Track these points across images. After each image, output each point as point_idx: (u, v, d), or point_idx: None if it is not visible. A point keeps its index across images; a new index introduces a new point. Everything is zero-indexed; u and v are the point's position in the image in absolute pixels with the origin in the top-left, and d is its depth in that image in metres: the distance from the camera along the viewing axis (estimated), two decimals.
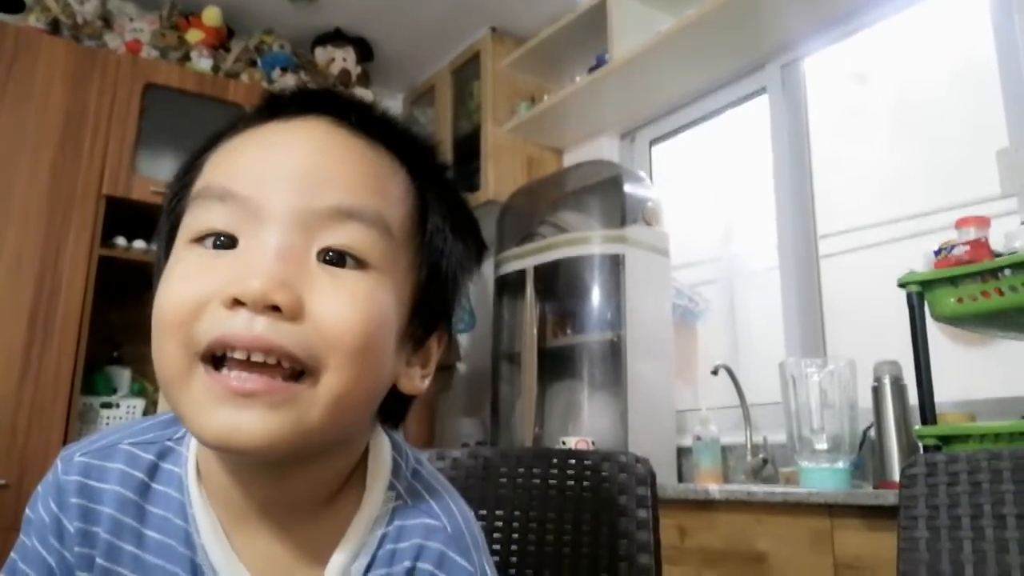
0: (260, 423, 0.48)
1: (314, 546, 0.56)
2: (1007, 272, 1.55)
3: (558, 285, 2.69)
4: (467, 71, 3.42)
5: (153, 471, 0.58)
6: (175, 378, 0.49)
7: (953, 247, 1.65)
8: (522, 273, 2.76)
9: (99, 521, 0.56)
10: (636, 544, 0.94)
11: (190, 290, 0.49)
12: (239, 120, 0.57)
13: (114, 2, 3.05)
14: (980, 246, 1.61)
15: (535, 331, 2.69)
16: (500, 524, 0.99)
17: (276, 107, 0.56)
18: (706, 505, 1.82)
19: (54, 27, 2.80)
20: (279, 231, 0.50)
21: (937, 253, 1.69)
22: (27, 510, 0.60)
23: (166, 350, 0.49)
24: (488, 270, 3.11)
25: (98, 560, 0.56)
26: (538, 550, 0.98)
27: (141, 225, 2.82)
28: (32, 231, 2.52)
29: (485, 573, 0.59)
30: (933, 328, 1.73)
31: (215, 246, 0.50)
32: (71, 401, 2.47)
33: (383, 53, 3.51)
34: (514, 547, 0.98)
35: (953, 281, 1.63)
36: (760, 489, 1.79)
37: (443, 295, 0.59)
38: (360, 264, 0.51)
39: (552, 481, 1.01)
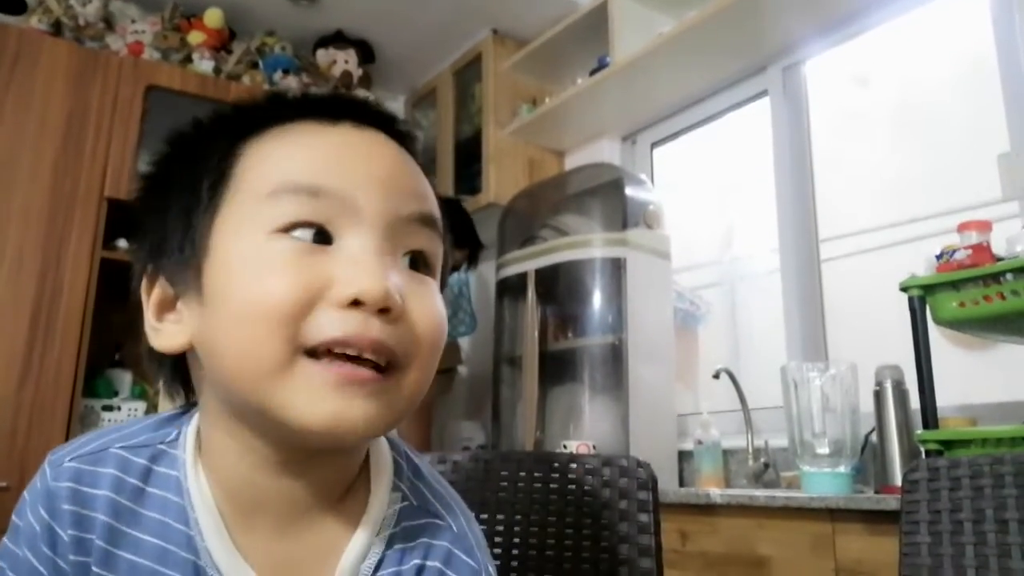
0: (364, 410, 0.51)
1: (322, 546, 0.57)
2: (1009, 276, 1.55)
3: (559, 288, 2.69)
4: (468, 73, 3.42)
5: (147, 475, 0.58)
6: (272, 370, 0.50)
7: (955, 251, 1.65)
8: (523, 276, 2.76)
9: (93, 528, 0.56)
10: (637, 548, 0.94)
11: (294, 284, 0.50)
12: (272, 110, 0.58)
13: (116, 4, 3.05)
14: (982, 250, 1.61)
15: (536, 334, 2.69)
16: (501, 528, 0.99)
17: (335, 109, 0.58)
18: (707, 509, 1.81)
19: (56, 29, 2.80)
20: (376, 234, 0.53)
21: (939, 257, 1.68)
22: (14, 516, 0.58)
23: (262, 343, 0.50)
24: (489, 273, 3.11)
25: (94, 568, 0.55)
26: (539, 554, 0.97)
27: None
28: (33, 233, 2.52)
29: (489, 572, 0.60)
30: (935, 332, 1.73)
31: (313, 240, 0.52)
32: (72, 403, 2.47)
33: (385, 55, 3.51)
34: (515, 551, 0.97)
35: (955, 285, 1.63)
36: (761, 493, 1.79)
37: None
38: (428, 268, 0.56)
39: (553, 485, 1.01)
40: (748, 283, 2.80)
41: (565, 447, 2.27)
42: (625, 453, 1.98)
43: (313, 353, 0.50)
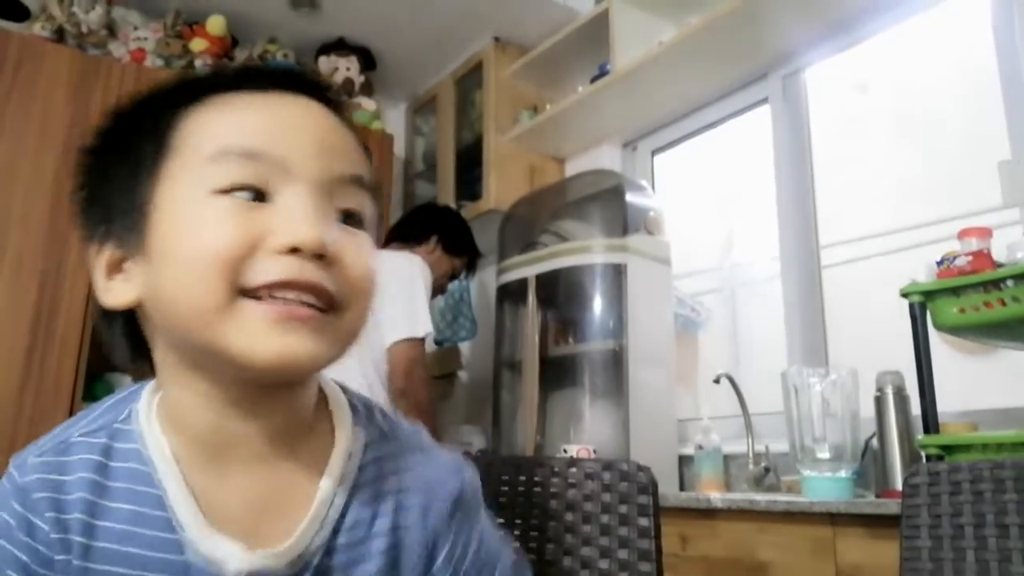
0: (309, 344, 0.56)
1: (296, 477, 0.62)
2: (1009, 283, 1.55)
3: (560, 294, 2.69)
4: (470, 80, 3.43)
5: (108, 451, 0.61)
6: (214, 311, 0.54)
7: (955, 257, 1.65)
8: (524, 282, 2.76)
9: (70, 508, 0.59)
10: (638, 552, 0.94)
11: (235, 233, 0.55)
12: (210, 81, 0.63)
13: (118, 11, 3.06)
14: (982, 257, 1.61)
15: (537, 340, 2.69)
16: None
17: (269, 79, 0.63)
18: (708, 513, 1.81)
19: (59, 35, 2.81)
20: (311, 191, 0.58)
21: (939, 263, 1.69)
22: None
23: (204, 286, 0.54)
24: (490, 279, 3.11)
25: (76, 538, 0.59)
26: (539, 558, 0.97)
27: None
28: (34, 238, 2.52)
29: (466, 484, 0.68)
30: (935, 338, 1.73)
31: (248, 198, 0.56)
32: (72, 407, 2.47)
33: (386, 62, 3.52)
34: None
35: (955, 291, 1.63)
36: (762, 498, 1.79)
37: None
38: (362, 224, 0.61)
39: (553, 489, 1.01)
40: (749, 289, 2.80)
41: (565, 451, 2.27)
42: (625, 458, 1.98)
43: (254, 295, 0.55)
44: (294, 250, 0.55)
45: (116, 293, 0.60)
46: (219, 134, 0.59)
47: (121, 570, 0.58)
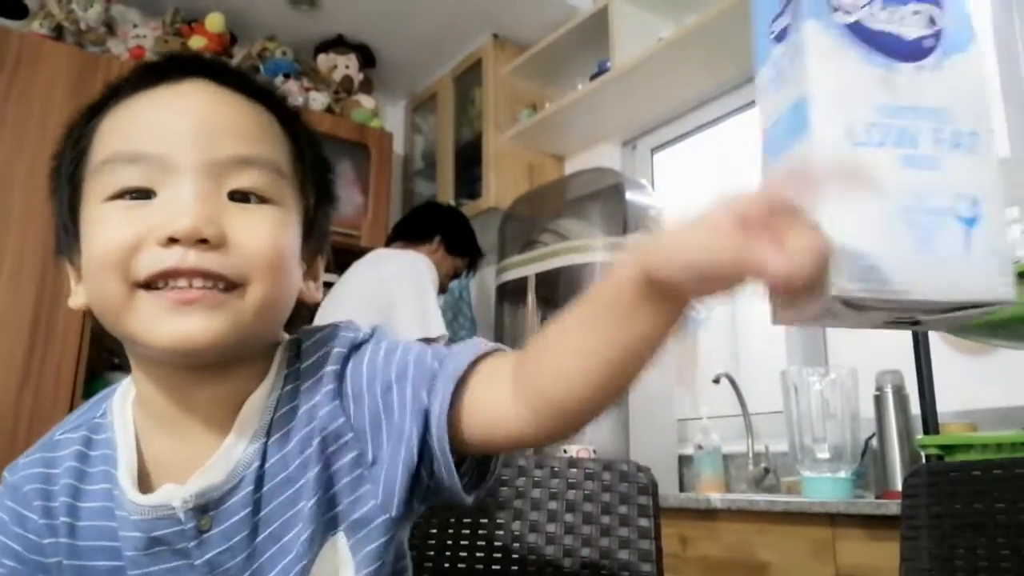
0: (205, 324, 0.58)
1: (215, 431, 0.64)
2: None
3: (560, 293, 2.69)
4: (469, 78, 3.42)
5: (88, 442, 0.67)
6: (119, 306, 0.59)
7: None
8: (524, 281, 2.76)
9: (57, 495, 0.64)
10: (638, 553, 0.94)
11: (121, 234, 0.58)
12: (117, 88, 0.65)
13: (117, 8, 3.06)
14: None
15: None
16: (500, 532, 0.99)
17: (157, 73, 0.64)
18: (708, 514, 1.81)
19: (57, 33, 2.81)
20: (192, 179, 0.59)
21: None
22: None
23: (106, 285, 0.58)
24: (489, 278, 3.11)
25: (63, 520, 0.64)
26: (538, 559, 0.97)
27: None
28: (33, 238, 2.52)
29: (362, 333, 0.68)
30: (935, 338, 1.73)
31: (133, 198, 0.59)
32: (72, 407, 2.46)
33: (385, 60, 3.52)
34: (515, 555, 0.97)
35: None
36: (762, 498, 1.79)
37: (327, 215, 0.71)
38: (262, 200, 0.62)
39: (553, 489, 1.01)
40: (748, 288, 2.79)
41: (565, 451, 2.26)
42: (625, 458, 1.98)
43: (151, 288, 0.58)
44: (174, 240, 0.57)
45: (75, 298, 0.65)
46: (107, 143, 0.62)
47: (102, 543, 0.63)
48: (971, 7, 0.49)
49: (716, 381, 2.42)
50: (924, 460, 1.69)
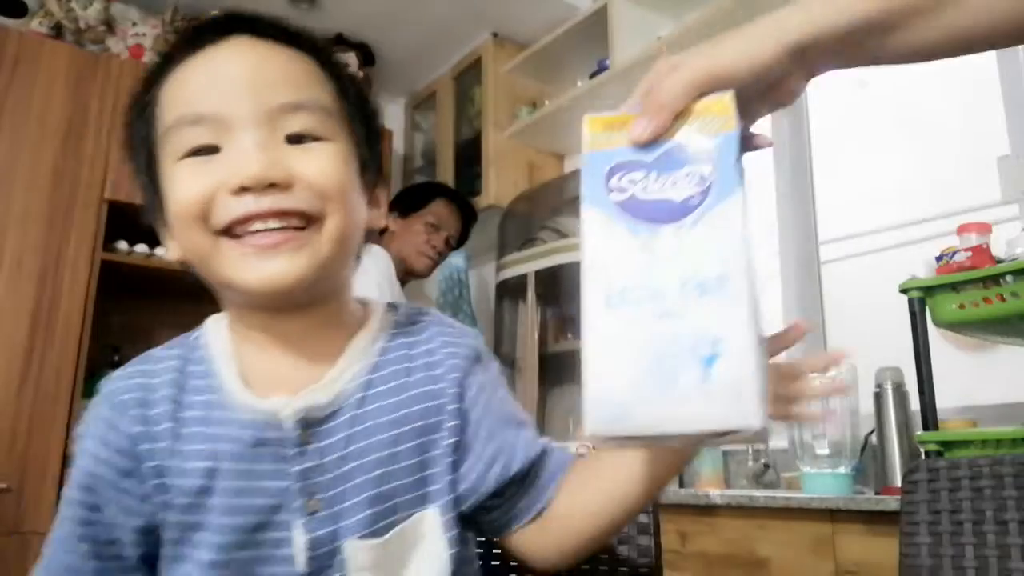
0: (288, 265, 0.64)
1: (336, 345, 0.71)
2: (1008, 279, 1.55)
3: (559, 290, 2.69)
4: (468, 76, 3.42)
5: (185, 359, 0.71)
6: (207, 254, 0.65)
7: (955, 253, 1.65)
8: (523, 278, 2.76)
9: (157, 404, 0.68)
10: (637, 549, 0.94)
11: (196, 189, 0.64)
12: (169, 56, 0.70)
13: (117, 7, 3.05)
14: (981, 252, 1.61)
15: (536, 336, 2.69)
16: None
17: (201, 36, 0.69)
18: (707, 510, 1.81)
19: (57, 31, 2.80)
20: (251, 130, 0.64)
21: (939, 259, 1.69)
22: (79, 435, 0.70)
23: (191, 236, 0.65)
24: (489, 275, 3.11)
25: (164, 424, 0.67)
26: None
27: (143, 229, 2.81)
28: (33, 235, 2.52)
29: (483, 346, 0.79)
30: (934, 334, 1.73)
31: (201, 155, 0.65)
32: (72, 405, 2.47)
33: (385, 58, 3.52)
34: None
35: (955, 287, 1.63)
36: (761, 494, 1.79)
37: (376, 149, 0.75)
38: (316, 139, 0.67)
39: None
40: None
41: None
42: None
43: (233, 235, 0.64)
44: (245, 188, 0.62)
45: (171, 252, 0.71)
46: (169, 109, 0.67)
47: (201, 446, 0.66)
48: (739, 154, 0.56)
49: None
50: (924, 456, 1.69)
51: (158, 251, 2.78)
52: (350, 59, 3.38)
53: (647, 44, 2.63)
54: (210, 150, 0.65)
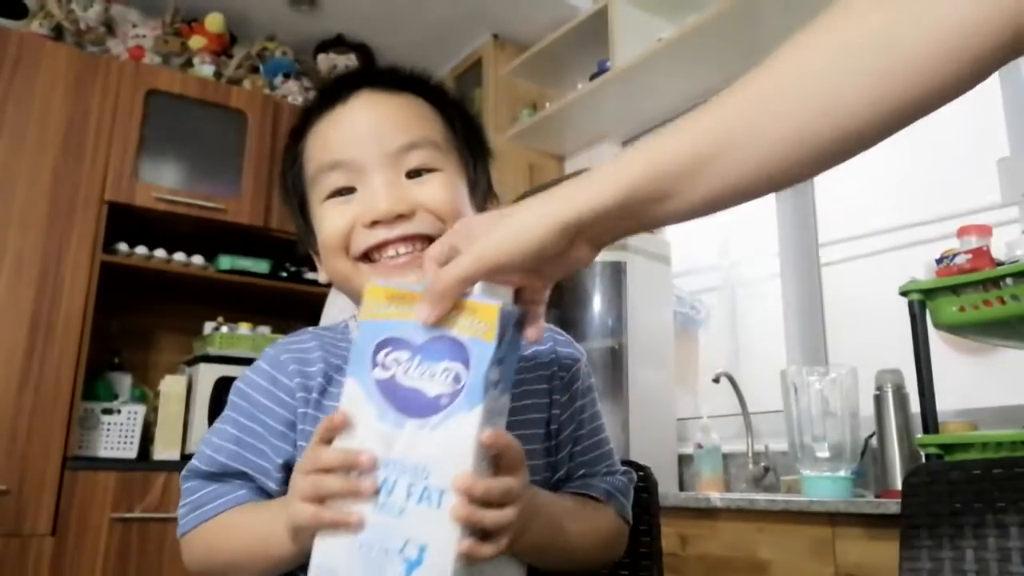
0: (417, 279, 0.68)
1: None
2: (1008, 281, 1.55)
3: (559, 292, 2.69)
4: (468, 78, 3.42)
5: (333, 344, 0.83)
6: (349, 276, 0.81)
7: (955, 255, 1.65)
8: None
9: (312, 375, 0.79)
10: (637, 552, 0.94)
11: (338, 224, 0.81)
12: (309, 113, 0.87)
13: (117, 8, 3.06)
14: (981, 255, 1.61)
15: None
16: None
17: (333, 96, 0.84)
18: (707, 513, 1.81)
19: (57, 33, 2.81)
20: (378, 172, 0.80)
21: (939, 261, 1.68)
22: (237, 387, 0.82)
23: (336, 262, 0.82)
24: None
25: (314, 394, 0.78)
26: None
27: (143, 231, 2.82)
28: (33, 237, 2.52)
29: (585, 361, 0.92)
30: (935, 336, 1.73)
31: (341, 195, 0.81)
32: (72, 407, 2.46)
33: (385, 60, 3.51)
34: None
35: (955, 290, 1.63)
36: (761, 497, 1.79)
37: (484, 169, 0.90)
38: (430, 171, 0.81)
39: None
40: (748, 287, 2.80)
41: None
42: (625, 457, 1.98)
43: (370, 260, 0.80)
44: (376, 222, 0.78)
45: (321, 275, 0.87)
46: (313, 157, 0.84)
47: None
48: (492, 363, 0.59)
49: (716, 380, 2.42)
50: (924, 459, 1.69)
51: (158, 252, 2.78)
52: (350, 60, 3.38)
53: (647, 46, 2.63)
54: (348, 191, 0.81)
